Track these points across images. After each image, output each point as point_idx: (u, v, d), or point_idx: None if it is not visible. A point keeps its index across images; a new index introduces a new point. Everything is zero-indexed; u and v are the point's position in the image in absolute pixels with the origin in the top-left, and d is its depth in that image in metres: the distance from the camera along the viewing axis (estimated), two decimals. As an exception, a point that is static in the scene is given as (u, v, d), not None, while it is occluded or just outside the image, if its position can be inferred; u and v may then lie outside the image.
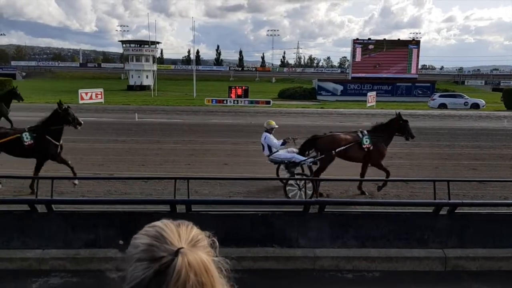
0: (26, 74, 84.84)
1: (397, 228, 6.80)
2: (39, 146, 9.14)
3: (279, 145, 9.76)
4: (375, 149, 9.55)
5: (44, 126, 9.31)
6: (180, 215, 6.76)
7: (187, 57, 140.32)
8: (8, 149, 9.25)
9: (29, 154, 9.32)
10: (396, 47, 48.32)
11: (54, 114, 9.46)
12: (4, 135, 9.16)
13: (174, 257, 0.97)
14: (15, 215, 6.78)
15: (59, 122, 9.39)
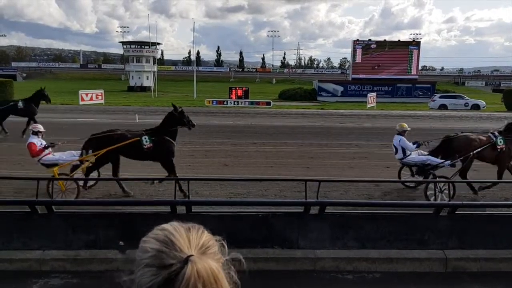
0: (27, 75, 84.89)
1: (398, 229, 6.80)
2: (157, 149, 9.18)
3: (414, 148, 9.72)
4: (507, 149, 9.63)
5: (162, 128, 9.40)
6: (181, 216, 6.77)
7: (188, 58, 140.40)
8: (125, 152, 9.28)
9: (146, 157, 9.41)
10: (397, 48, 48.35)
11: (170, 116, 9.58)
12: (123, 137, 9.20)
13: (183, 265, 0.96)
14: (16, 216, 6.78)
15: (174, 124, 9.50)
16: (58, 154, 9.54)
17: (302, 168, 12.18)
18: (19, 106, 16.36)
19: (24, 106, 16.38)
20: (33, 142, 9.31)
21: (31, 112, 16.40)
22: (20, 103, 16.53)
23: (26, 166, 11.71)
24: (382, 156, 14.01)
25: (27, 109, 16.41)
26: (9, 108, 16.32)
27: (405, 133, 9.92)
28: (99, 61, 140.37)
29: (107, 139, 9.19)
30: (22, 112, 16.46)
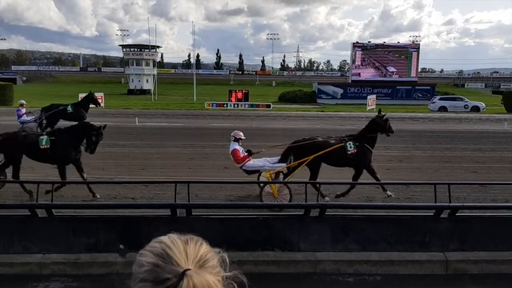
0: (27, 78, 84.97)
1: (398, 231, 6.79)
2: (359, 155, 9.19)
3: None
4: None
5: (364, 134, 9.43)
6: (181, 219, 6.76)
7: (187, 61, 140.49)
8: (328, 158, 9.29)
9: (347, 163, 9.43)
10: (396, 50, 48.43)
11: (374, 122, 9.59)
12: (327, 144, 9.25)
13: (179, 280, 0.93)
14: (16, 219, 6.78)
15: (377, 131, 9.52)
16: (256, 160, 9.50)
17: (302, 170, 12.13)
18: (68, 110, 16.32)
19: (73, 110, 16.35)
20: (237, 148, 9.37)
21: (79, 116, 16.23)
22: (70, 107, 16.50)
23: (28, 169, 11.71)
24: (382, 158, 14.00)
25: (76, 113, 16.33)
26: (59, 112, 16.25)
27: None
28: (99, 64, 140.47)
29: (312, 146, 9.23)
30: (71, 116, 16.28)
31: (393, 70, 48.29)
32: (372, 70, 48.36)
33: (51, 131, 9.41)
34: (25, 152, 9.24)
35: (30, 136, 9.44)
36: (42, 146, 9.08)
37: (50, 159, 9.39)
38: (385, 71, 48.38)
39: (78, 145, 9.34)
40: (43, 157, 9.37)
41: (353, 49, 48.50)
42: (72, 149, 9.28)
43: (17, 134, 9.56)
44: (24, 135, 9.46)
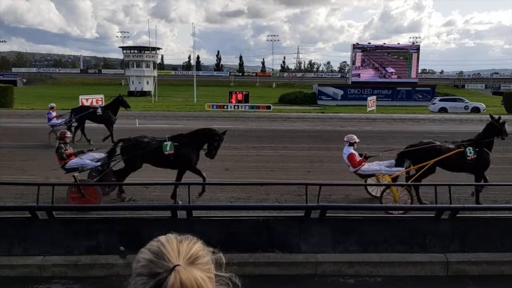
0: (27, 80, 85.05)
1: (399, 232, 6.79)
2: (477, 160, 9.12)
3: None
4: None
5: (482, 139, 9.38)
6: (181, 221, 6.77)
7: (188, 62, 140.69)
8: (447, 164, 9.25)
9: (463, 168, 9.34)
10: (396, 51, 48.45)
11: (491, 126, 9.54)
12: (445, 149, 9.20)
13: (169, 275, 1.00)
14: (16, 221, 6.78)
15: (494, 135, 9.45)
16: (370, 164, 9.50)
17: (303, 172, 12.17)
18: (98, 113, 16.29)
19: (102, 113, 16.32)
20: (353, 152, 9.30)
21: (108, 119, 16.29)
22: (99, 109, 16.49)
23: (28, 171, 11.73)
24: (383, 159, 13.99)
25: (105, 116, 16.32)
26: (88, 114, 16.26)
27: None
28: (99, 66, 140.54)
29: (431, 150, 9.19)
30: (100, 118, 16.36)
31: (392, 71, 48.27)
32: (372, 71, 48.36)
33: (173, 136, 9.39)
34: (148, 158, 9.28)
35: (152, 142, 9.40)
36: (166, 152, 9.07)
37: (173, 164, 9.35)
38: (385, 72, 48.39)
39: (199, 150, 9.37)
40: (166, 163, 9.35)
41: (353, 50, 48.51)
42: (195, 154, 9.28)
43: (139, 140, 9.53)
44: (147, 141, 9.42)
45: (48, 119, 16.50)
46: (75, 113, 16.38)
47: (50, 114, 16.54)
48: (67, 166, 9.38)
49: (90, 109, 16.62)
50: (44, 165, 12.47)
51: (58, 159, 9.50)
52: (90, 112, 16.34)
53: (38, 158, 13.48)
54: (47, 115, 16.63)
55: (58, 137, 9.75)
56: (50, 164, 11.95)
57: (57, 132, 13.60)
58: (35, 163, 12.73)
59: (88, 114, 16.26)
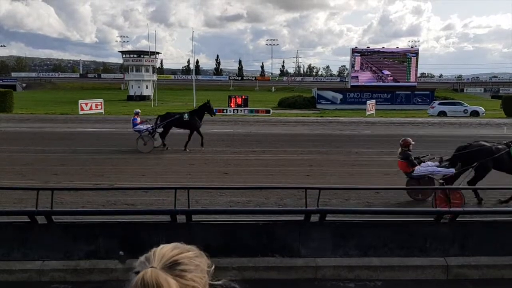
0: (27, 85, 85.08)
1: (399, 236, 6.78)
2: None
3: None
4: None
5: None
6: (181, 225, 6.75)
7: (187, 67, 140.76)
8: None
9: None
10: (395, 55, 48.55)
11: None
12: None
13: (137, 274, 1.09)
14: (15, 226, 6.77)
15: None
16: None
17: (302, 176, 12.17)
18: (185, 118, 16.36)
19: (189, 119, 16.40)
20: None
21: (194, 124, 16.42)
22: (186, 115, 16.54)
23: (28, 176, 11.72)
24: (382, 163, 14.01)
25: (191, 121, 16.41)
26: (175, 120, 16.30)
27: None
28: (99, 71, 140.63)
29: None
30: (186, 124, 16.44)
31: (392, 75, 48.34)
32: (370, 73, 48.42)
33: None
34: (499, 164, 9.39)
35: (498, 147, 9.53)
36: None
37: None
38: (384, 76, 48.47)
39: None
40: None
41: (352, 54, 48.61)
42: None
43: (482, 145, 9.64)
44: (491, 146, 9.55)
45: (133, 124, 16.52)
46: (162, 119, 16.45)
47: (135, 120, 16.56)
48: (414, 173, 9.49)
49: (176, 115, 16.64)
50: (43, 170, 12.48)
51: (404, 167, 9.61)
52: (176, 118, 16.38)
53: (33, 162, 13.48)
54: (132, 120, 16.67)
55: (402, 144, 9.77)
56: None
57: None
58: (23, 168, 12.70)
59: (175, 120, 16.32)
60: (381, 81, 48.50)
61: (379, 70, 48.39)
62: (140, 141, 15.60)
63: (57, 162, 13.51)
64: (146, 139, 15.67)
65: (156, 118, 16.83)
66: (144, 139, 15.62)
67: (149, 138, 15.82)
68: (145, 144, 15.56)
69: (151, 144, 15.71)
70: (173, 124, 16.37)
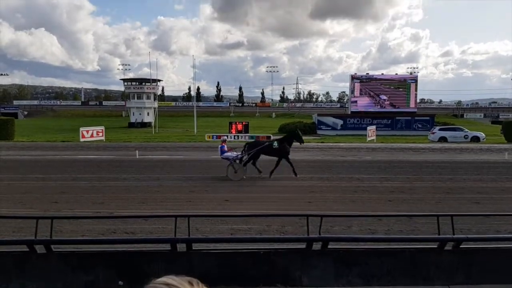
0: (28, 113, 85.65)
1: (402, 264, 6.68)
2: None
3: None
4: None
5: None
6: (181, 254, 6.67)
7: (188, 93, 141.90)
8: None
9: None
10: (394, 81, 48.97)
11: None
12: None
13: None
14: (14, 256, 6.68)
15: None
16: None
17: (304, 202, 12.10)
18: (274, 146, 16.34)
19: (279, 146, 16.37)
20: None
21: (284, 152, 16.33)
22: (275, 143, 16.53)
23: (28, 204, 11.66)
24: (383, 189, 13.96)
25: (281, 149, 16.37)
26: (264, 148, 16.33)
27: None
28: (100, 98, 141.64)
29: None
30: (275, 152, 16.37)
31: (392, 101, 48.67)
32: (371, 101, 48.76)
33: None
34: None
35: None
36: None
37: None
38: (384, 102, 48.80)
39: None
40: None
41: (351, 81, 49.05)
42: None
43: None
44: None
45: (221, 152, 16.63)
46: (250, 147, 16.49)
47: (223, 147, 16.68)
48: None
49: (265, 143, 16.66)
50: (43, 198, 12.42)
51: None
52: (266, 146, 16.43)
53: (37, 190, 13.43)
54: (220, 148, 16.78)
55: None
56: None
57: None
58: (24, 195, 12.64)
59: (264, 148, 16.36)
60: (379, 105, 48.78)
61: (378, 96, 48.75)
62: (230, 169, 15.70)
63: (57, 190, 13.46)
64: (236, 167, 15.75)
65: (244, 145, 16.84)
66: (235, 167, 15.71)
67: (240, 166, 15.86)
68: (235, 172, 15.65)
69: (241, 172, 15.77)
70: (262, 152, 16.38)
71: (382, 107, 48.78)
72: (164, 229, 9.00)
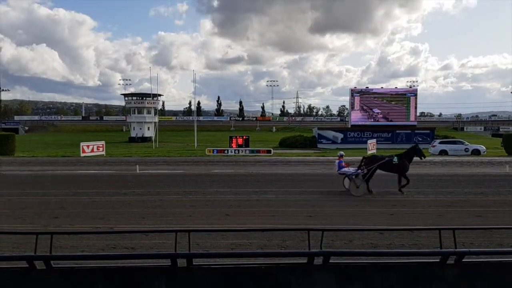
0: (29, 128, 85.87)
1: (405, 279, 6.63)
2: None
3: None
4: None
5: None
6: (181, 269, 6.62)
7: (189, 108, 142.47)
8: None
9: None
10: (394, 95, 49.12)
11: None
12: None
13: None
14: (13, 272, 6.63)
15: None
16: None
17: (305, 216, 12.05)
18: (394, 162, 16.19)
19: (399, 162, 16.20)
20: None
21: (402, 168, 16.19)
22: (395, 158, 16.32)
23: (28, 220, 11.61)
24: (385, 203, 13.91)
25: (401, 164, 16.22)
26: (384, 163, 16.21)
27: None
28: (101, 113, 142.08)
29: None
30: (396, 167, 16.26)
31: (392, 115, 48.80)
32: (371, 115, 48.89)
33: None
34: None
35: None
36: None
37: None
38: (384, 115, 48.90)
39: None
40: None
41: (351, 94, 49.21)
42: None
43: None
44: None
45: (339, 167, 16.72)
46: (369, 162, 16.37)
47: (341, 162, 16.78)
48: None
49: (385, 158, 16.53)
50: (43, 213, 12.37)
51: None
52: (386, 161, 16.28)
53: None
54: (338, 163, 16.84)
55: None
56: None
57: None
58: (25, 210, 12.60)
59: (383, 163, 16.24)
60: (381, 120, 48.84)
61: (375, 109, 48.86)
62: (352, 184, 15.65)
63: (58, 205, 13.42)
64: (358, 182, 15.67)
65: (360, 160, 16.69)
66: (356, 182, 15.63)
67: (362, 181, 15.75)
68: (358, 187, 15.57)
69: (364, 187, 15.67)
70: (380, 168, 16.27)
71: (375, 120, 48.86)
72: (165, 244, 8.95)
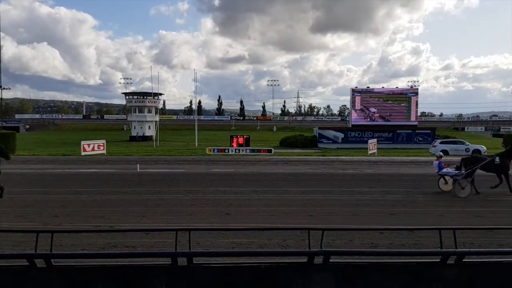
0: (30, 126, 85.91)
1: (405, 279, 6.62)
2: None
3: None
4: None
5: None
6: (181, 268, 6.62)
7: (189, 107, 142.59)
8: None
9: None
10: (395, 95, 49.08)
11: None
12: None
13: None
14: (13, 270, 6.63)
15: None
16: None
17: (305, 216, 12.05)
18: (496, 162, 15.86)
19: (500, 162, 15.84)
20: None
21: (504, 168, 15.88)
22: (497, 158, 15.96)
23: (28, 218, 11.62)
24: (385, 203, 13.91)
25: (502, 165, 15.88)
26: (485, 164, 15.92)
27: None
28: (102, 112, 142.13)
29: None
30: (497, 168, 15.95)
31: (393, 115, 48.78)
32: (372, 114, 48.86)
33: None
34: None
35: None
36: None
37: None
38: (385, 115, 48.86)
39: None
40: None
41: (352, 94, 49.20)
42: None
43: None
44: None
45: (439, 168, 16.51)
46: (469, 162, 16.09)
47: (440, 163, 16.56)
48: None
49: (487, 159, 16.30)
50: (44, 211, 12.38)
51: None
52: (487, 162, 16.00)
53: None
54: (438, 164, 16.58)
55: None
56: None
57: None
58: (25, 209, 12.61)
59: (485, 164, 15.95)
60: (382, 120, 48.82)
61: (380, 109, 48.84)
62: (457, 186, 15.47)
63: (58, 204, 13.43)
64: (463, 183, 15.50)
65: (460, 161, 16.47)
66: (461, 184, 15.46)
67: (467, 182, 15.55)
68: (463, 188, 15.39)
69: (468, 188, 15.47)
70: (482, 168, 16.02)
71: (371, 120, 48.85)
72: (165, 243, 8.95)
